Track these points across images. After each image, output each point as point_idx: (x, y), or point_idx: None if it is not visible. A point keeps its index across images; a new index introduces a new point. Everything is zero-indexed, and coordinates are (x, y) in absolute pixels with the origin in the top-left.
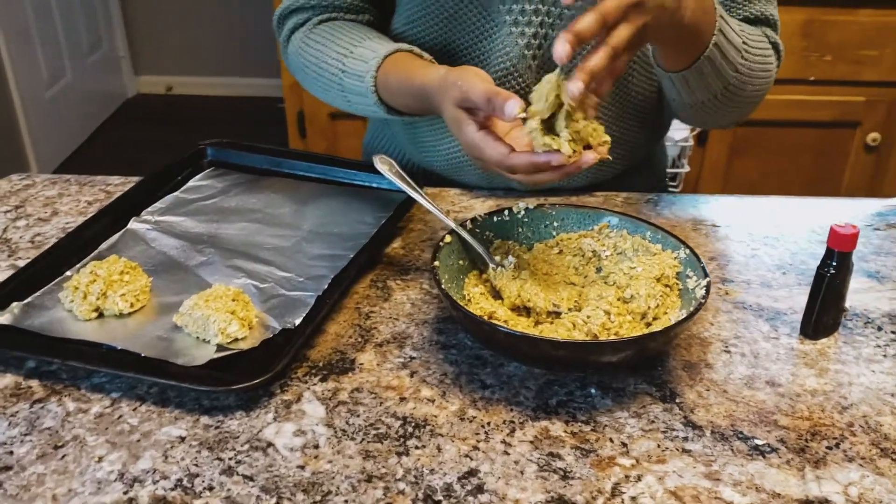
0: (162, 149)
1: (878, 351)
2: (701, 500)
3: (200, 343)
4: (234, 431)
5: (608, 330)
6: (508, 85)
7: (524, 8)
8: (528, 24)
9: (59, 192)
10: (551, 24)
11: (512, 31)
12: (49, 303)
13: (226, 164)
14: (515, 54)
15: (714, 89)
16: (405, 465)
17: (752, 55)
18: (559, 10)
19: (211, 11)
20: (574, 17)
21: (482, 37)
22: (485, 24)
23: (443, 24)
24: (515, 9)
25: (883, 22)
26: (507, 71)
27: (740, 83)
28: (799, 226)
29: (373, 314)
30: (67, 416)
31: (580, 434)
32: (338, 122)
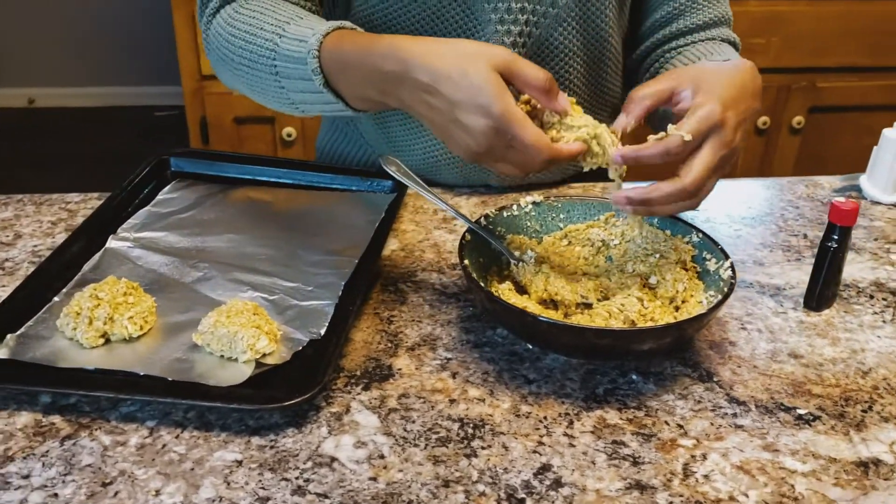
0: (26, 165)
1: (877, 318)
2: (767, 472)
3: (225, 361)
4: (292, 449)
5: (643, 316)
6: None
7: (510, 6)
8: (514, 22)
9: (14, 213)
10: (536, 23)
11: (498, 29)
12: (45, 332)
13: (191, 175)
14: None
15: None
16: (477, 467)
17: None
18: (544, 9)
19: (75, 17)
20: (558, 16)
21: (466, 34)
22: (468, 22)
23: (425, 23)
24: (501, 7)
25: (769, 11)
26: None
27: None
28: (770, 205)
29: (394, 318)
30: (106, 451)
31: (636, 420)
32: (244, 127)
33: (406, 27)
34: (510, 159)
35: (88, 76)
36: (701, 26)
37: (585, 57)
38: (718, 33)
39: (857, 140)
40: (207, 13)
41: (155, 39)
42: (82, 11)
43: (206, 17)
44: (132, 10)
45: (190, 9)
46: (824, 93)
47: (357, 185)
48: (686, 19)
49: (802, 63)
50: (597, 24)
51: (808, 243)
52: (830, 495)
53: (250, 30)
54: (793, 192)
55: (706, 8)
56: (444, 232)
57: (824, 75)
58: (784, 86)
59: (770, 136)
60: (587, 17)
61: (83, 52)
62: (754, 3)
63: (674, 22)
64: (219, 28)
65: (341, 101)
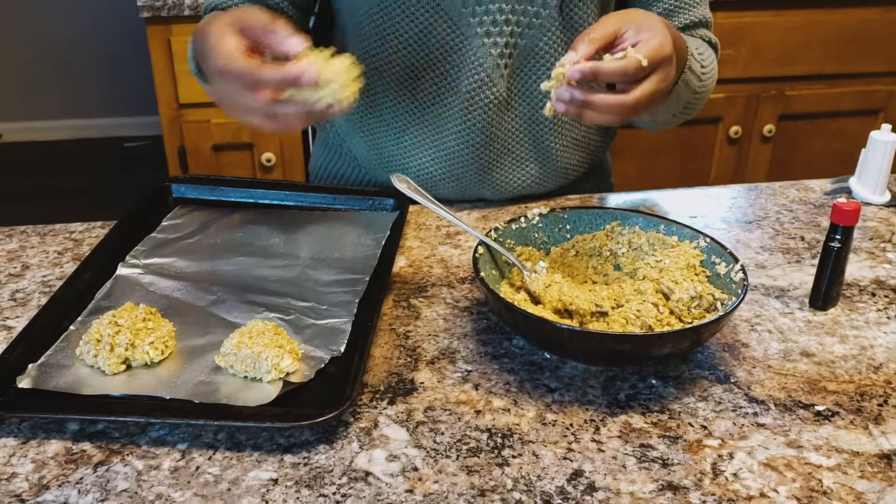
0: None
1: (881, 314)
2: (794, 468)
3: (249, 382)
4: (326, 465)
5: (660, 321)
6: (483, 95)
7: (495, 18)
8: (499, 33)
9: (19, 244)
10: (521, 33)
11: (484, 41)
12: (65, 360)
13: (194, 201)
14: (490, 64)
15: (674, 110)
16: (511, 475)
17: (707, 75)
18: (528, 19)
19: (43, 51)
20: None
21: (453, 50)
22: (455, 37)
23: (414, 38)
24: (487, 20)
25: (737, 23)
26: (482, 81)
27: (697, 99)
28: (765, 210)
29: (410, 333)
30: (140, 475)
31: (661, 423)
32: (222, 154)
33: (396, 42)
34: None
35: (55, 109)
36: (687, 27)
37: None
38: (701, 34)
39: (828, 145)
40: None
41: (122, 71)
42: (47, 47)
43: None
44: (98, 43)
45: (165, 37)
46: (793, 101)
47: (359, 205)
48: (675, 20)
49: (770, 72)
50: (580, 30)
51: (806, 245)
52: (858, 488)
53: None
54: (785, 197)
55: (689, 10)
56: (450, 247)
57: (792, 83)
58: (754, 95)
59: (742, 144)
60: (570, 25)
61: (49, 85)
62: (721, 15)
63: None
64: None
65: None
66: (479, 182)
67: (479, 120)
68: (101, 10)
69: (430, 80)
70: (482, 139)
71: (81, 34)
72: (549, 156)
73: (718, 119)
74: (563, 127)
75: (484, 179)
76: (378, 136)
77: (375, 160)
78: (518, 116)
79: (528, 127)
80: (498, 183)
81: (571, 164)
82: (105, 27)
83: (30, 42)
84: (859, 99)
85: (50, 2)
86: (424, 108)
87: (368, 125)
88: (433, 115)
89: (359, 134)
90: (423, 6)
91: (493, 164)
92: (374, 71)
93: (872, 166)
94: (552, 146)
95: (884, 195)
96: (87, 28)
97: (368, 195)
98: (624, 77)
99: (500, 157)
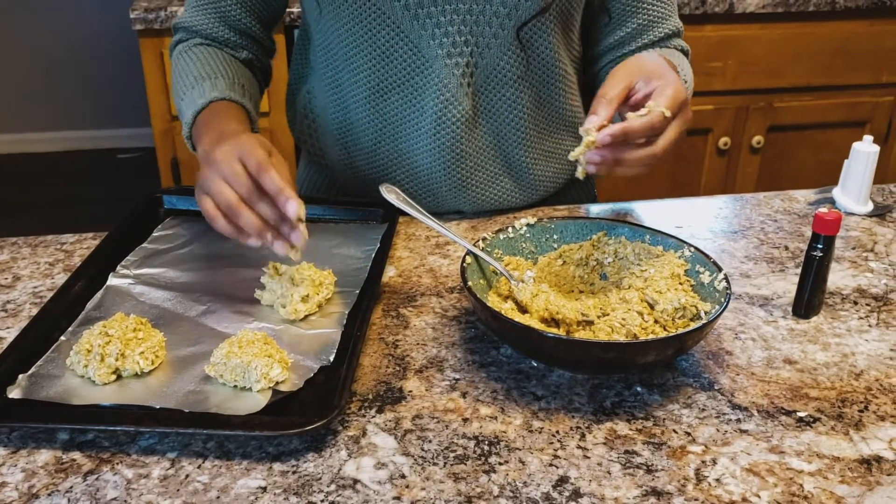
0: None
1: (863, 322)
2: (775, 473)
3: (239, 391)
4: (314, 473)
5: (644, 329)
6: (450, 113)
7: (455, 40)
8: (459, 54)
9: (10, 255)
10: (480, 53)
11: (446, 62)
12: (55, 370)
13: (185, 212)
14: (453, 84)
15: None
16: (497, 482)
17: (688, 85)
18: (487, 39)
19: (36, 63)
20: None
21: (415, 72)
22: (416, 59)
23: (378, 62)
24: (446, 42)
25: (726, 36)
26: (448, 100)
27: None
28: (750, 220)
29: (399, 342)
30: (129, 484)
31: (645, 430)
32: None
33: (361, 62)
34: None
35: (49, 121)
36: (662, 39)
37: (534, 81)
38: (675, 44)
39: (816, 156)
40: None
41: (115, 83)
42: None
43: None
44: (91, 55)
45: (158, 50)
46: (781, 112)
47: (349, 216)
48: (650, 34)
49: (759, 84)
50: (540, 51)
51: (790, 254)
52: (838, 492)
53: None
54: (770, 207)
55: (664, 23)
56: (439, 257)
57: (780, 95)
58: (742, 107)
59: (731, 156)
60: (530, 44)
61: (43, 97)
62: (710, 28)
63: (639, 37)
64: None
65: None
66: (455, 198)
67: (448, 138)
68: (95, 23)
69: (397, 99)
70: (452, 156)
71: (75, 46)
72: (522, 169)
73: (708, 130)
74: (531, 140)
75: (459, 196)
76: (352, 153)
77: (351, 177)
78: (486, 133)
79: (496, 142)
80: (474, 198)
81: (546, 176)
82: (98, 39)
83: (23, 54)
84: (846, 110)
85: (43, 14)
86: (394, 127)
87: (343, 143)
88: (403, 134)
89: (335, 150)
90: (384, 29)
91: (467, 180)
92: (346, 90)
93: (855, 177)
94: (523, 159)
95: (866, 205)
96: (80, 40)
97: (359, 206)
98: (651, 132)
99: (473, 174)
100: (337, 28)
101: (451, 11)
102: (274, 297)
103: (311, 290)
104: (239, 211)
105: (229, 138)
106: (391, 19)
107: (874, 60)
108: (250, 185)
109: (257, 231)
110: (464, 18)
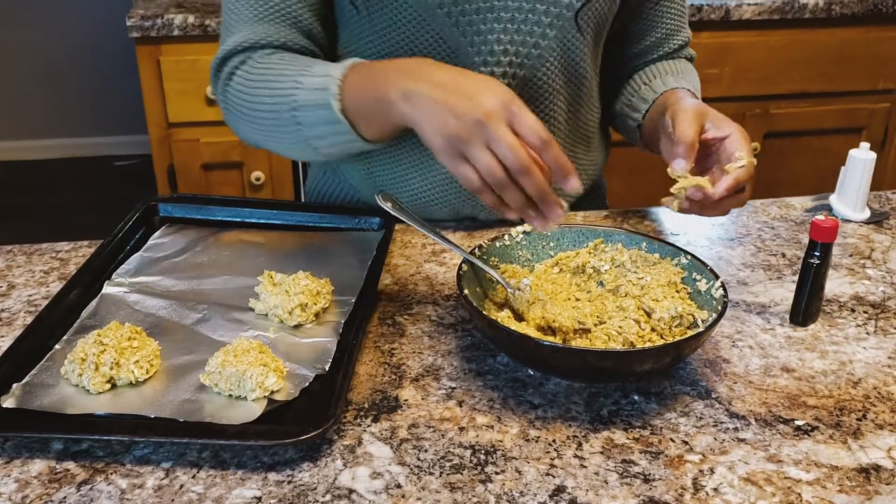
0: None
1: (860, 330)
2: (773, 482)
3: (234, 400)
4: (309, 483)
5: (641, 338)
6: None
7: (493, 49)
8: (496, 63)
9: (5, 264)
10: (520, 64)
11: (482, 71)
12: (50, 379)
13: (181, 220)
14: None
15: None
16: (493, 492)
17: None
18: (527, 50)
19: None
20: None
21: None
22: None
23: None
24: (485, 50)
25: (722, 42)
26: None
27: None
28: (747, 227)
29: (395, 351)
30: (124, 494)
31: (643, 439)
32: (212, 173)
33: None
34: (495, 145)
35: (45, 128)
36: (675, 50)
37: (567, 94)
38: (685, 54)
39: (813, 163)
40: (223, 78)
41: (112, 90)
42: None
43: (223, 81)
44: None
45: (155, 57)
46: (778, 119)
47: (346, 224)
48: (665, 46)
49: (755, 91)
50: (576, 62)
51: (787, 262)
52: (837, 502)
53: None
54: (767, 214)
55: (678, 35)
56: (435, 265)
57: (777, 102)
58: (739, 113)
59: None
60: (568, 55)
61: (40, 104)
62: (707, 35)
63: (655, 50)
64: (235, 93)
65: (355, 133)
66: (473, 206)
67: None
68: (92, 30)
69: None
70: None
71: (72, 53)
72: None
73: None
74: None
75: (477, 203)
76: (371, 159)
77: (367, 183)
78: None
79: None
80: None
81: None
82: (95, 46)
83: (19, 61)
84: (843, 117)
85: (40, 21)
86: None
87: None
88: None
89: (352, 157)
90: (423, 35)
91: None
92: None
93: (852, 183)
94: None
95: (863, 212)
96: (77, 47)
97: (355, 214)
98: (750, 179)
99: None
100: (370, 33)
101: (493, 20)
102: (269, 306)
103: (309, 299)
104: (507, 187)
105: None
106: (431, 26)
107: (870, 67)
108: (525, 162)
109: (521, 207)
110: (505, 27)
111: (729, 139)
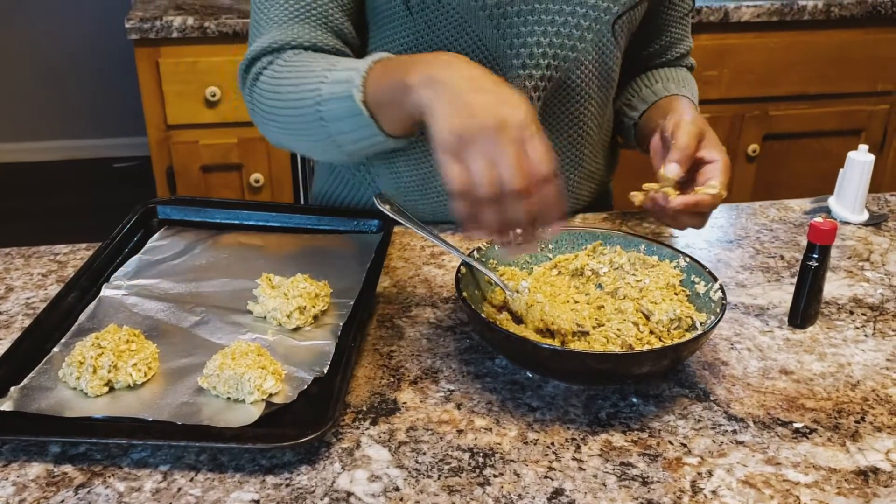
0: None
1: (858, 332)
2: (772, 485)
3: (232, 403)
4: (308, 486)
5: (640, 340)
6: None
7: (532, 52)
8: (535, 66)
9: (3, 266)
10: (556, 66)
11: (520, 73)
12: (48, 382)
13: (179, 222)
14: None
15: None
16: (492, 495)
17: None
18: (565, 52)
19: (32, 72)
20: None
21: None
22: (492, 68)
23: None
24: (524, 52)
25: (721, 44)
26: None
27: None
28: (745, 229)
29: (394, 353)
30: (122, 497)
31: (641, 441)
32: (211, 175)
33: None
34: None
35: (44, 130)
36: (677, 58)
37: (598, 98)
38: (686, 63)
39: (812, 165)
40: (251, 78)
41: (111, 92)
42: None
43: (250, 82)
44: (87, 64)
45: (153, 59)
46: (777, 121)
47: (344, 226)
48: (668, 54)
49: (754, 93)
50: (608, 66)
51: (786, 264)
52: None
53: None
54: (765, 216)
55: (681, 43)
56: (433, 267)
57: (776, 104)
58: (738, 115)
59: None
60: (601, 59)
61: (38, 106)
62: (706, 37)
63: (658, 57)
64: (262, 93)
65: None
66: None
67: None
68: (90, 32)
69: None
70: None
71: (71, 55)
72: (565, 186)
73: None
74: (582, 160)
75: None
76: (397, 161)
77: (393, 185)
78: None
79: None
80: None
81: (583, 195)
82: (94, 48)
83: (19, 62)
84: (842, 119)
85: (38, 23)
86: None
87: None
88: None
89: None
90: (462, 37)
91: None
92: None
93: (850, 186)
94: (569, 178)
95: (862, 214)
96: (76, 49)
97: (353, 216)
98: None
99: None
100: (408, 34)
101: (534, 22)
102: (267, 309)
103: (307, 301)
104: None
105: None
106: (471, 27)
107: (869, 69)
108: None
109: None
110: (545, 30)
111: (713, 165)
